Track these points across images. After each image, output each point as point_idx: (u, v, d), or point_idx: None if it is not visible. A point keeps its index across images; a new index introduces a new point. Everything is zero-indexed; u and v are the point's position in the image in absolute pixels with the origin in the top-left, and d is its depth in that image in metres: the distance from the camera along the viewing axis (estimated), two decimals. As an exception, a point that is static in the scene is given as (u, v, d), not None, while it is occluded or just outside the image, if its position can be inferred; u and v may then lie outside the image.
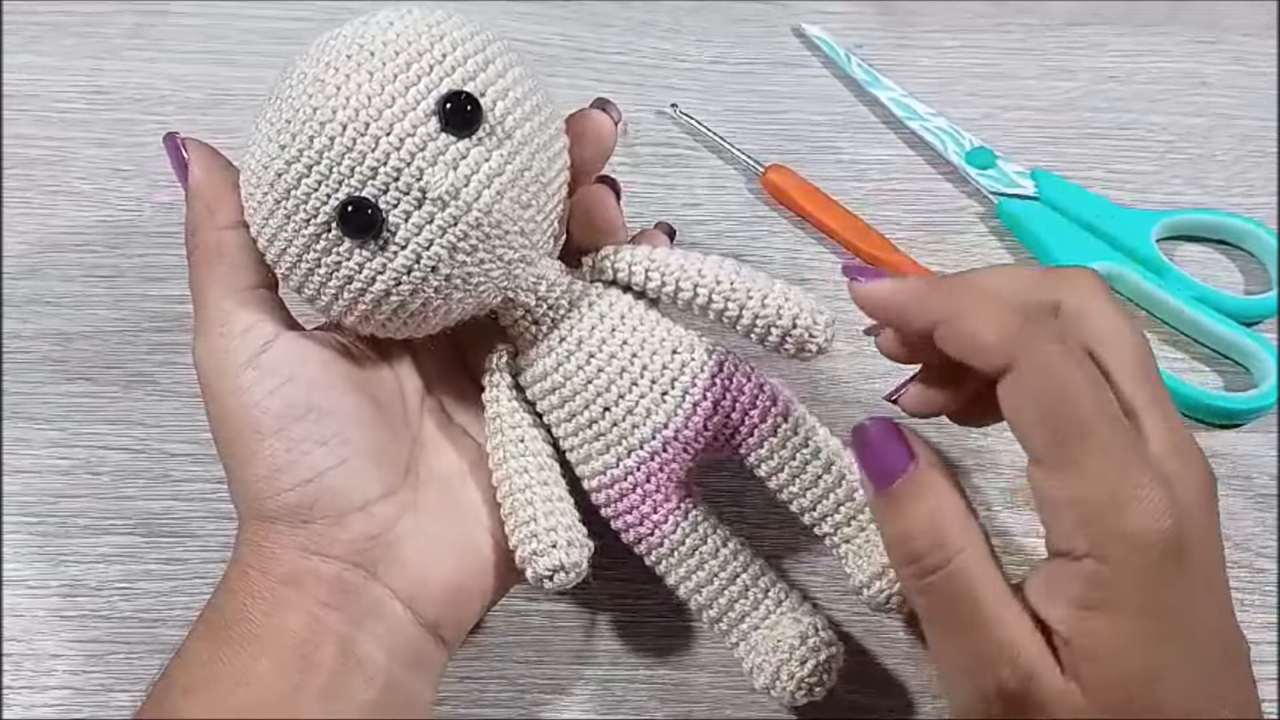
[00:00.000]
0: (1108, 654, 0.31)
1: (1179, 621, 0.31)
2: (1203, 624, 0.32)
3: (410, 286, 0.36)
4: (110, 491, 0.46)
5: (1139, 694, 0.31)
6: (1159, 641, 0.31)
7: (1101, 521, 0.31)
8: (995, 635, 0.32)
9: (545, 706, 0.43)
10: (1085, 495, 0.31)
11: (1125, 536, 0.31)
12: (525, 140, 0.36)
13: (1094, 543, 0.31)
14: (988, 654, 0.32)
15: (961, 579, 0.32)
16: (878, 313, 0.36)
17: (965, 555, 0.32)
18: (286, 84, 0.35)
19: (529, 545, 0.37)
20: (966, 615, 0.32)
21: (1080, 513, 0.31)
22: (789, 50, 0.58)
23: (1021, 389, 0.32)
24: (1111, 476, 0.31)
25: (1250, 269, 0.52)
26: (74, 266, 0.50)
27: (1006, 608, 0.32)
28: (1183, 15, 0.59)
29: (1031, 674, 0.31)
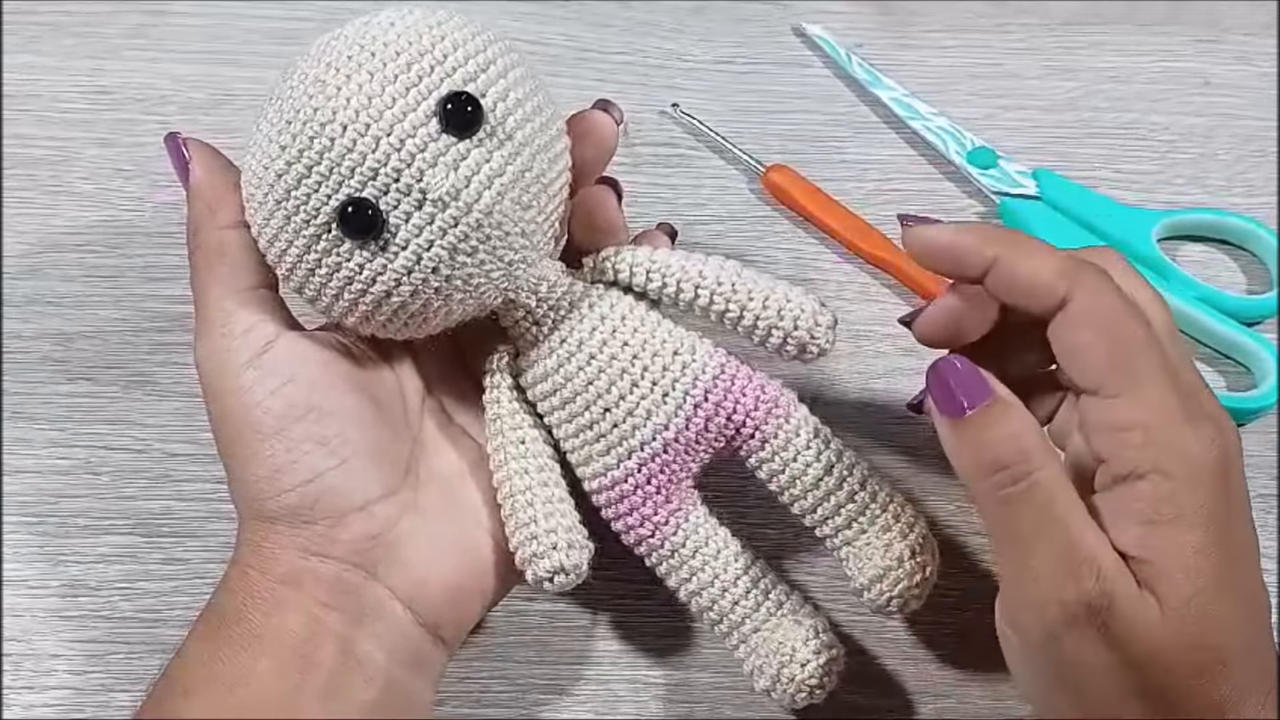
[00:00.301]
0: (1180, 568, 0.32)
1: (1236, 546, 0.33)
2: (1250, 557, 0.34)
3: (411, 288, 0.36)
4: (110, 491, 0.46)
5: (1209, 606, 0.32)
6: (1222, 557, 0.32)
7: (1164, 441, 0.32)
8: (1079, 546, 0.32)
9: (545, 706, 0.43)
10: (1146, 418, 0.33)
11: (1187, 453, 0.32)
12: (526, 141, 0.36)
13: (1159, 460, 0.32)
14: (1071, 565, 0.32)
15: (1046, 490, 0.33)
16: (934, 257, 0.37)
17: (1049, 470, 0.33)
18: (287, 84, 0.35)
19: (529, 547, 0.37)
20: (1050, 527, 0.33)
21: (1142, 433, 0.32)
22: (790, 50, 0.58)
23: (1079, 321, 0.34)
24: (1169, 400, 0.33)
25: (1251, 269, 0.52)
26: (75, 266, 0.50)
27: (1087, 523, 0.33)
28: (1183, 15, 0.59)
29: (1113, 586, 0.32)
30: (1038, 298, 0.34)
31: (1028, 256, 0.35)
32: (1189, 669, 0.32)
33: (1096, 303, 0.34)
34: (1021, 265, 0.35)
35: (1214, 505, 0.32)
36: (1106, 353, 0.33)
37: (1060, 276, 0.34)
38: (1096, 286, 0.34)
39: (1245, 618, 0.33)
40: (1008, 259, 0.35)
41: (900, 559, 0.38)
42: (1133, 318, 0.34)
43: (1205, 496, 0.32)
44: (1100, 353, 0.33)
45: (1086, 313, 0.34)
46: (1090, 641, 0.32)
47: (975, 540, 0.45)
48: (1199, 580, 0.32)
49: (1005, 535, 0.34)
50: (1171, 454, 0.32)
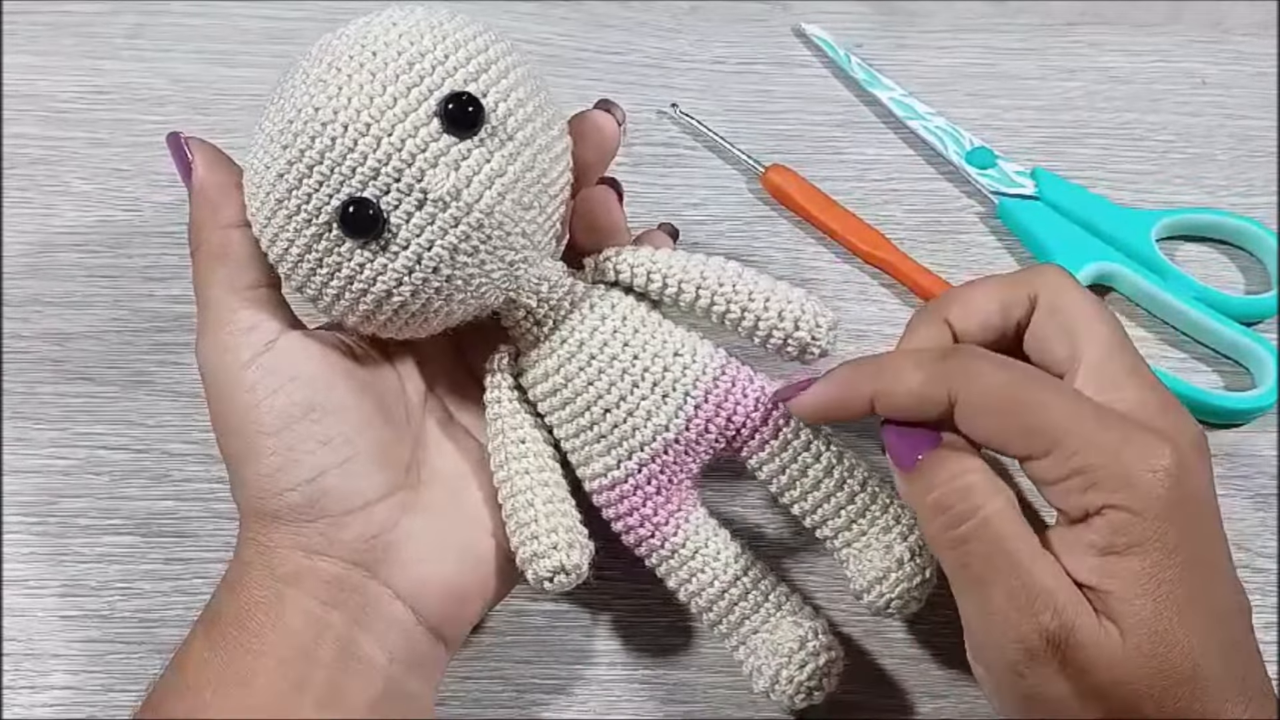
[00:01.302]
0: (1140, 594, 0.32)
1: (1197, 561, 0.33)
2: (1219, 563, 0.34)
3: (411, 287, 0.36)
4: (110, 491, 0.46)
5: (1172, 629, 0.32)
6: (1184, 579, 0.32)
7: (1105, 476, 0.32)
8: (1033, 581, 0.32)
9: (545, 706, 0.43)
10: (1079, 463, 0.32)
11: (1132, 480, 0.32)
12: (527, 141, 0.36)
13: (1106, 496, 0.32)
14: (1027, 600, 0.32)
15: (993, 528, 0.33)
16: (824, 418, 0.38)
17: (994, 507, 0.33)
18: (289, 84, 0.35)
19: (530, 547, 0.37)
20: (1001, 563, 0.33)
21: (1082, 478, 0.32)
22: (789, 50, 0.58)
23: (973, 411, 0.34)
24: (1097, 436, 0.33)
25: (1250, 269, 0.52)
26: (74, 266, 0.50)
27: (1040, 557, 0.33)
28: (1183, 15, 0.59)
29: (1071, 619, 0.32)
30: (926, 410, 0.35)
31: (896, 380, 0.35)
32: (1157, 693, 0.32)
33: (977, 388, 0.34)
34: (898, 391, 0.35)
35: (1172, 523, 0.32)
36: (1013, 427, 0.34)
37: (934, 383, 0.35)
38: (970, 372, 0.34)
39: (1213, 631, 0.32)
40: (882, 392, 0.36)
41: (900, 561, 0.38)
42: (1021, 381, 0.34)
43: (1160, 517, 0.32)
44: (1008, 430, 0.34)
45: (973, 403, 0.34)
46: (1052, 674, 0.32)
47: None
48: (1159, 603, 0.32)
49: (960, 576, 0.34)
50: (1116, 486, 0.32)
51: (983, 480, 0.34)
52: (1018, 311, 0.37)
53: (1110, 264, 0.50)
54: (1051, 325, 0.36)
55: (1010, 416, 0.34)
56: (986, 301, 0.37)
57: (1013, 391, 0.34)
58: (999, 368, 0.35)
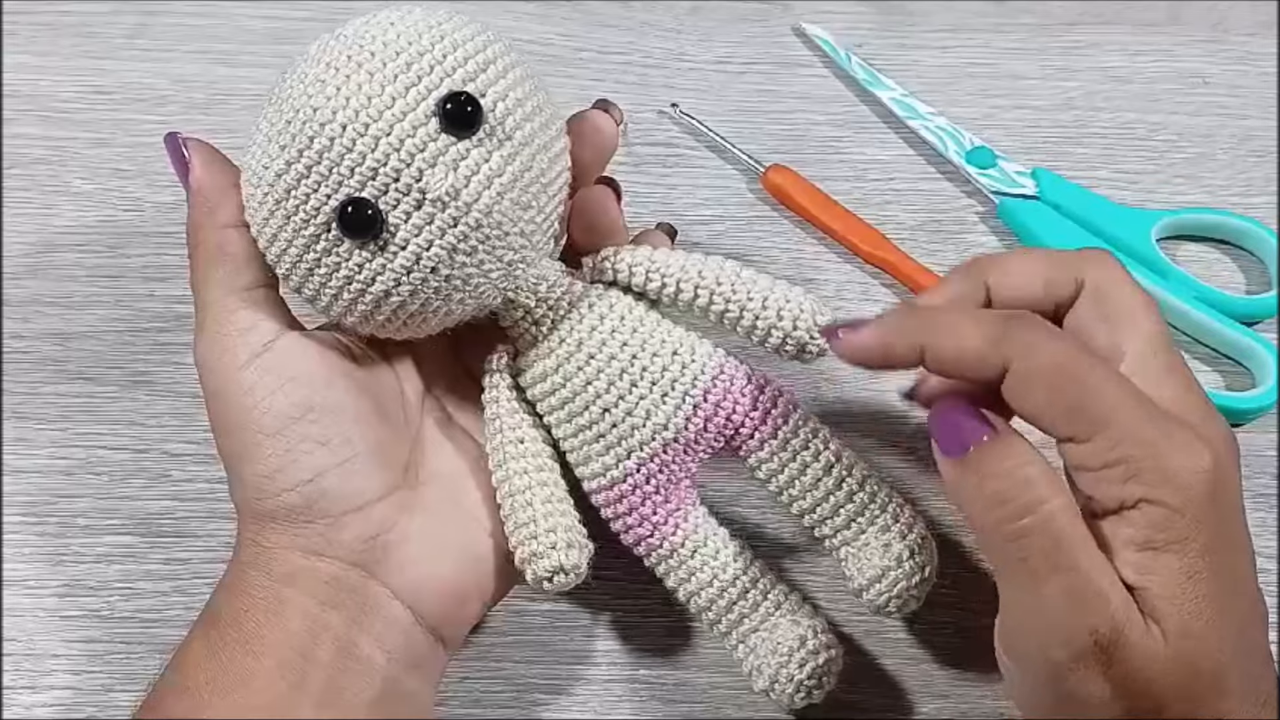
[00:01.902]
0: (1178, 592, 0.32)
1: (1227, 565, 0.33)
2: (1244, 569, 0.34)
3: (410, 287, 0.36)
4: (110, 491, 0.46)
5: (1206, 630, 0.32)
6: (1215, 581, 0.32)
7: (1147, 469, 0.32)
8: (1090, 583, 0.32)
9: (545, 706, 0.43)
10: (1122, 452, 0.32)
11: (1172, 477, 0.32)
12: (526, 141, 0.36)
13: (1146, 490, 0.32)
14: (1084, 600, 0.32)
15: (1057, 523, 0.32)
16: (867, 361, 0.37)
17: (1058, 503, 0.33)
18: (287, 84, 0.35)
19: (528, 547, 0.37)
20: (1061, 561, 0.32)
21: (1124, 468, 0.32)
22: (790, 50, 0.58)
23: (1024, 384, 0.33)
24: (1144, 428, 0.32)
25: (1251, 268, 0.52)
26: (74, 266, 0.50)
27: (1097, 558, 0.32)
28: (1183, 15, 0.59)
29: (1122, 621, 0.32)
30: (977, 371, 0.34)
31: (950, 337, 0.35)
32: (1185, 693, 0.32)
33: (1035, 360, 0.33)
34: (947, 347, 0.35)
35: (1206, 525, 0.32)
36: (1062, 406, 0.33)
37: (991, 345, 0.34)
38: (1029, 342, 0.34)
39: (1239, 634, 0.33)
40: (933, 346, 0.35)
41: (899, 559, 0.38)
42: (1079, 360, 0.33)
43: (1197, 517, 0.32)
44: (1056, 407, 0.33)
45: (1028, 373, 0.33)
46: (1094, 676, 0.32)
47: (975, 540, 0.45)
48: (1196, 604, 0.32)
49: (1015, 569, 0.33)
50: (1157, 481, 0.32)
51: (1045, 474, 0.33)
52: (1062, 291, 0.36)
53: (1110, 264, 0.50)
54: (1096, 312, 0.36)
55: (1062, 393, 0.33)
56: (1031, 273, 0.37)
57: (1066, 369, 0.33)
58: (1056, 341, 0.34)
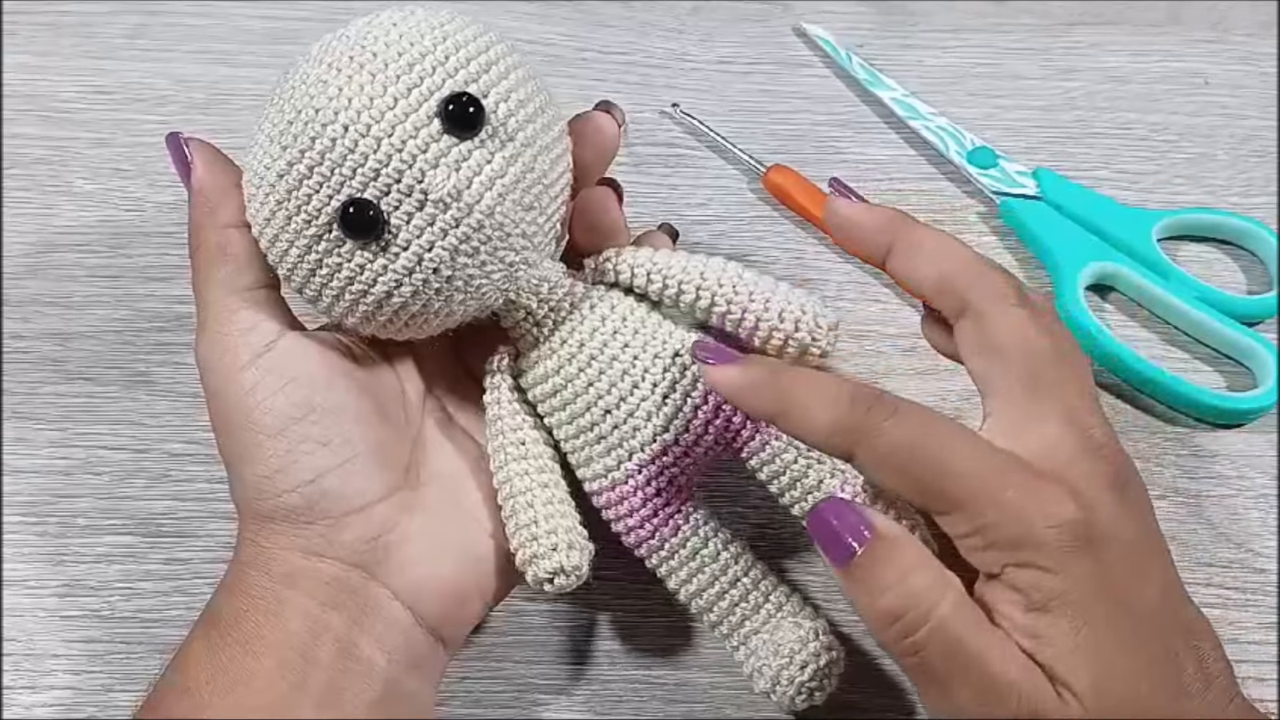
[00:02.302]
0: (1075, 647, 0.31)
1: (1126, 604, 0.32)
2: (1148, 605, 0.32)
3: (412, 288, 0.35)
4: (110, 491, 0.46)
5: (1116, 684, 0.31)
6: (1117, 618, 0.31)
7: (1005, 535, 0.32)
8: (995, 674, 0.31)
9: (545, 706, 0.43)
10: (980, 522, 0.32)
11: (1031, 536, 0.31)
12: (528, 142, 0.36)
13: (1008, 554, 0.32)
14: (993, 696, 0.31)
15: (950, 630, 0.32)
16: (727, 399, 0.37)
17: (946, 607, 0.32)
18: (289, 85, 0.35)
19: (529, 548, 0.37)
20: (962, 663, 0.32)
21: (981, 537, 0.32)
22: (791, 50, 0.58)
23: (877, 467, 0.33)
24: (999, 494, 0.32)
25: (1252, 268, 0.52)
26: (75, 266, 0.50)
27: (995, 644, 0.32)
28: (1183, 15, 0.59)
29: (1036, 702, 0.31)
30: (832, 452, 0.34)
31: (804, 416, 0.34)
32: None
33: (882, 445, 0.33)
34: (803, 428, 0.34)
35: (1083, 573, 0.31)
36: (916, 487, 0.33)
37: (841, 434, 0.33)
38: (873, 430, 0.33)
39: (1163, 673, 0.32)
40: (783, 417, 0.35)
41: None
42: (927, 438, 0.33)
43: (1068, 570, 0.31)
44: (911, 488, 0.33)
45: (878, 459, 0.33)
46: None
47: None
48: (1097, 655, 0.31)
49: (922, 680, 0.33)
50: (1016, 544, 0.31)
51: (930, 578, 0.32)
52: (946, 304, 0.36)
53: (1112, 264, 0.50)
54: (975, 339, 0.35)
55: (914, 475, 0.33)
56: (929, 267, 0.36)
57: (914, 447, 0.33)
58: (905, 417, 0.33)
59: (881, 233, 0.37)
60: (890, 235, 0.37)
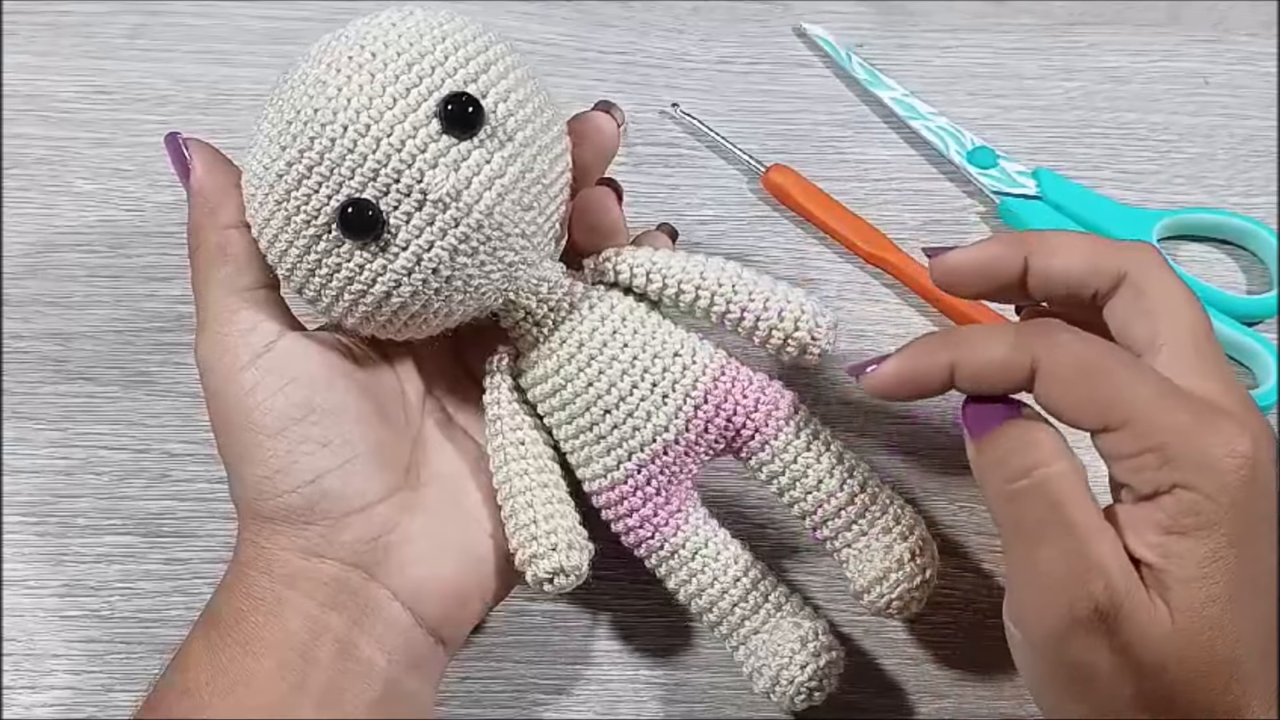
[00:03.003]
0: (1197, 576, 0.32)
1: (1254, 556, 0.32)
2: (1268, 567, 0.33)
3: (411, 288, 0.35)
4: (110, 491, 0.46)
5: (1222, 615, 0.32)
6: (1239, 570, 0.32)
7: (1181, 454, 0.32)
8: (1087, 549, 0.32)
9: (545, 706, 0.43)
10: (1156, 439, 0.32)
11: (1208, 461, 0.32)
12: (527, 142, 0.36)
13: (1180, 474, 0.32)
14: (1079, 568, 0.32)
15: (1052, 487, 0.33)
16: (900, 392, 0.37)
17: (1058, 469, 0.33)
18: (288, 85, 0.35)
19: (529, 548, 0.37)
20: (1056, 526, 0.32)
21: (1157, 454, 0.32)
22: (790, 50, 0.58)
23: (1053, 379, 0.34)
24: (1175, 415, 0.32)
25: (1251, 268, 0.52)
26: (75, 266, 0.50)
27: (1098, 526, 0.32)
28: (1183, 15, 0.59)
29: (1122, 591, 0.31)
30: (1006, 378, 0.35)
31: (977, 349, 0.35)
32: (1197, 678, 0.32)
33: (1061, 357, 0.34)
34: (974, 360, 0.35)
35: (1239, 512, 0.32)
36: (1091, 397, 0.33)
37: (1016, 351, 0.34)
38: (1053, 343, 0.34)
39: (1256, 627, 0.32)
40: (960, 361, 0.35)
41: (900, 561, 0.38)
42: (1105, 353, 0.34)
43: (1231, 503, 0.32)
44: (1085, 399, 0.33)
45: (1055, 370, 0.34)
46: (1096, 646, 0.32)
47: (976, 540, 0.45)
48: (1213, 589, 0.31)
49: (1011, 531, 0.34)
50: (1191, 466, 0.32)
51: (1049, 442, 0.34)
52: (1102, 281, 0.36)
53: (1111, 264, 0.50)
54: (1136, 306, 0.35)
55: (1088, 387, 0.33)
56: (1073, 254, 0.36)
57: (1093, 362, 0.33)
58: (1080, 339, 0.34)
59: (1006, 257, 0.37)
60: (1016, 252, 0.37)
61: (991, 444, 0.34)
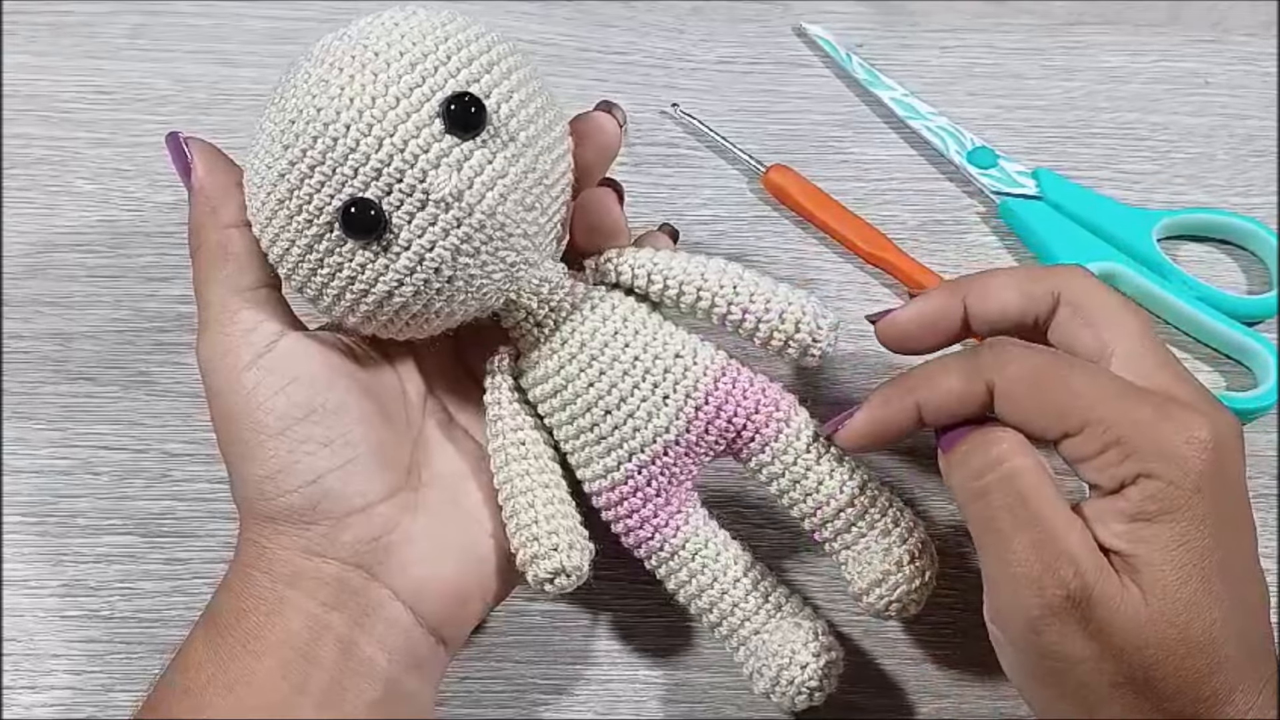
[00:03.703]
0: (1167, 559, 0.32)
1: (1225, 539, 0.33)
2: (1245, 548, 0.34)
3: (413, 288, 0.35)
4: (110, 491, 0.46)
5: (1195, 598, 0.32)
6: (1210, 552, 0.32)
7: (1141, 446, 0.33)
8: (1056, 537, 0.33)
9: (545, 706, 0.43)
10: (1115, 434, 0.33)
11: (1168, 450, 0.33)
12: (529, 143, 0.36)
13: (1142, 464, 0.33)
14: (1049, 557, 0.32)
15: (1019, 481, 0.34)
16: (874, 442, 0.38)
17: (1020, 463, 0.34)
18: (290, 84, 0.35)
19: (530, 548, 0.37)
20: (1024, 517, 0.33)
21: (1119, 449, 0.33)
22: (791, 50, 0.58)
23: (1009, 395, 0.35)
24: (1134, 410, 0.33)
25: (1251, 268, 0.52)
26: (75, 266, 0.50)
27: (1066, 518, 0.33)
28: (1183, 15, 0.59)
29: (1093, 578, 0.32)
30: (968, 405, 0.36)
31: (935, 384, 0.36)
32: (1175, 660, 0.32)
33: (1013, 372, 0.35)
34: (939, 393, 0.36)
35: (1205, 496, 0.33)
36: (1048, 406, 0.34)
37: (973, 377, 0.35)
38: (1004, 359, 0.35)
39: (1233, 611, 0.33)
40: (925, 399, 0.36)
41: (899, 563, 0.38)
42: (1056, 362, 0.35)
43: (1194, 488, 0.32)
44: (1043, 408, 0.34)
45: (1009, 386, 0.35)
46: (1071, 634, 0.32)
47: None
48: (1184, 570, 0.32)
49: (982, 528, 0.34)
50: (1152, 455, 0.33)
51: (1012, 441, 0.34)
52: (1039, 305, 0.37)
53: (1112, 264, 0.50)
54: (1076, 321, 0.37)
55: (1043, 395, 0.34)
56: (1005, 289, 0.38)
57: (1045, 371, 0.35)
58: (1031, 351, 0.35)
59: (946, 307, 0.38)
60: (954, 300, 0.38)
61: (957, 452, 0.35)
